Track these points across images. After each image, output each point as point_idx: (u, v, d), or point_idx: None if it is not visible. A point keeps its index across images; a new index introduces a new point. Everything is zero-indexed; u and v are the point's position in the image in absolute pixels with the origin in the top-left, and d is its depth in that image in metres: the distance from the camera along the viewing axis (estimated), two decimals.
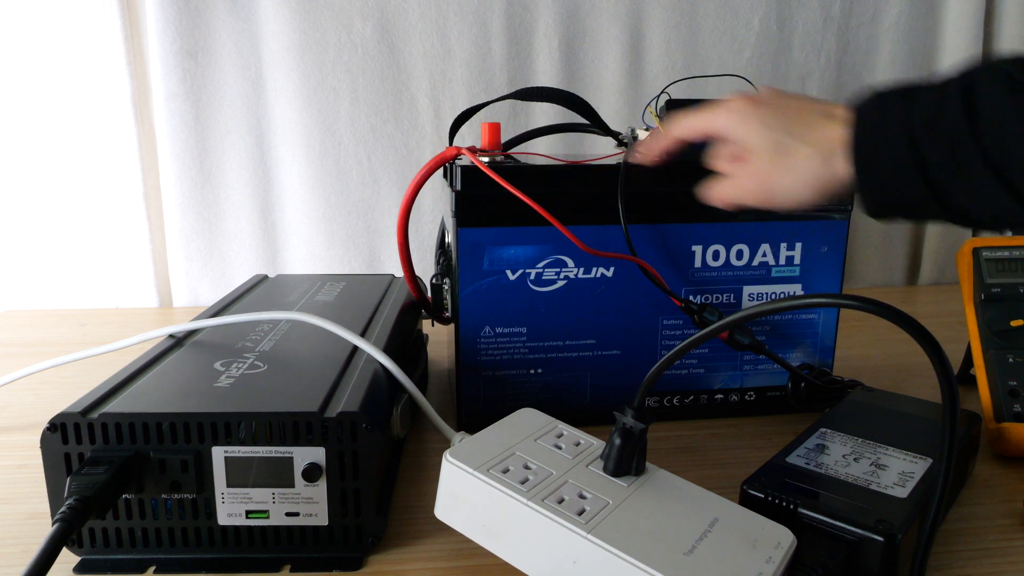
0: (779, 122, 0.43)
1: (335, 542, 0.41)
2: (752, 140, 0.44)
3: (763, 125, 0.43)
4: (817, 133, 0.42)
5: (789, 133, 0.43)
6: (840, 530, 0.37)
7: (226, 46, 0.92)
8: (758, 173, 0.44)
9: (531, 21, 0.95)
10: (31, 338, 0.84)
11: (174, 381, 0.44)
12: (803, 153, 0.42)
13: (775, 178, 0.43)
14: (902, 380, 0.68)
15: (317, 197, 0.95)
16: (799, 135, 0.43)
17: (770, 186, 0.44)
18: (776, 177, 0.43)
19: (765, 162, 0.43)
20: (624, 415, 0.38)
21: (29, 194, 0.93)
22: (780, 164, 0.43)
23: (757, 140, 0.43)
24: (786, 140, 0.43)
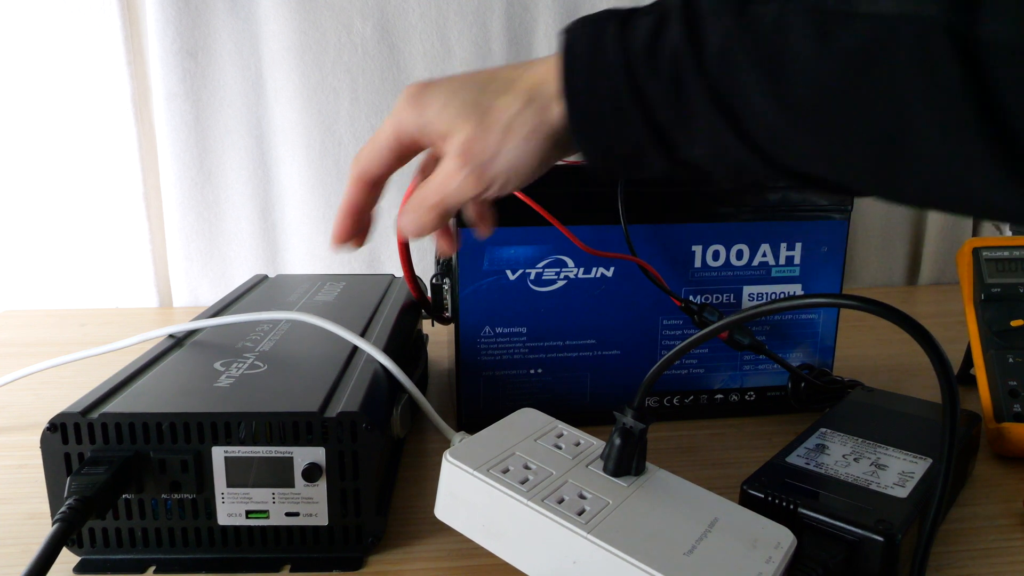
0: (466, 85, 0.35)
1: (335, 542, 0.41)
2: (435, 115, 0.35)
3: (446, 92, 0.35)
4: (521, 80, 0.34)
5: (483, 90, 0.34)
6: (840, 530, 0.37)
7: (226, 46, 0.92)
8: (460, 148, 0.34)
9: (531, 21, 0.95)
10: (31, 338, 0.84)
11: (174, 381, 0.44)
12: (505, 104, 0.34)
13: (484, 147, 0.34)
14: (902, 380, 0.68)
15: (317, 197, 0.96)
16: (496, 88, 0.34)
17: (483, 160, 0.34)
18: (484, 146, 0.34)
19: (465, 131, 0.34)
20: (624, 415, 0.38)
21: (29, 194, 0.93)
22: (482, 126, 0.34)
23: (442, 113, 0.34)
24: (481, 98, 0.34)
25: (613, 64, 0.31)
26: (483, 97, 0.34)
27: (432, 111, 0.35)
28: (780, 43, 0.27)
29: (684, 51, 0.29)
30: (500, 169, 0.34)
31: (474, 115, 0.34)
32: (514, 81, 0.34)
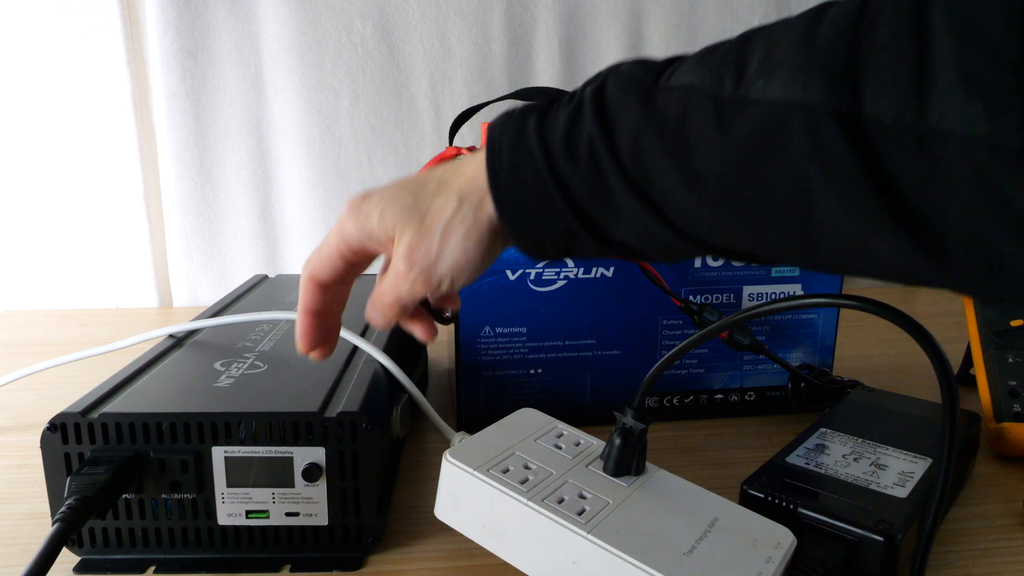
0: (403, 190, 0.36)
1: (335, 542, 0.41)
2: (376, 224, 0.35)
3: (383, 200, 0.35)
4: (453, 180, 0.35)
5: (418, 193, 0.35)
6: (840, 530, 0.37)
7: (226, 46, 0.92)
8: (405, 253, 0.35)
9: (531, 21, 0.95)
10: (31, 338, 0.84)
11: (174, 381, 0.44)
12: (440, 206, 0.34)
13: (427, 251, 0.34)
14: (902, 380, 0.68)
15: (317, 197, 0.96)
16: (431, 191, 0.35)
17: (427, 263, 0.34)
18: (427, 249, 0.34)
19: (406, 236, 0.35)
20: (624, 415, 0.38)
21: (29, 194, 0.94)
22: (421, 230, 0.34)
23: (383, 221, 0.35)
24: (418, 202, 0.35)
25: (534, 157, 0.32)
26: (419, 201, 0.35)
27: (373, 220, 0.36)
28: (684, 132, 0.28)
29: (598, 142, 0.30)
30: (445, 270, 0.35)
31: (413, 220, 0.35)
32: (446, 182, 0.35)
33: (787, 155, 0.25)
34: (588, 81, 0.33)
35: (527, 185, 0.32)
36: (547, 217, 0.32)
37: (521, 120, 0.33)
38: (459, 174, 0.35)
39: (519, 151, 0.32)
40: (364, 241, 0.36)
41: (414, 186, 0.36)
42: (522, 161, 0.32)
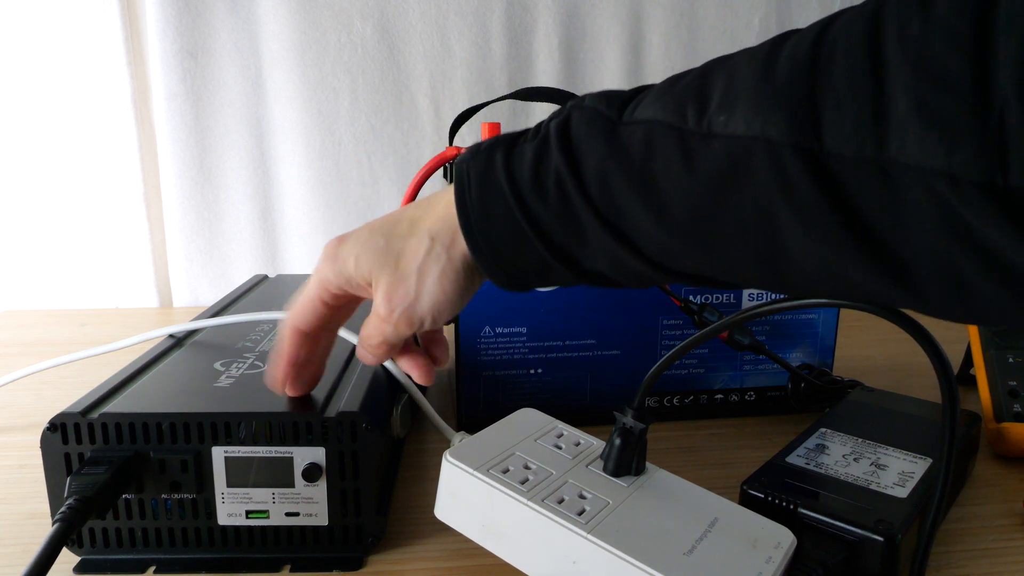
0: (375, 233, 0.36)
1: (335, 542, 0.41)
2: (353, 269, 0.36)
3: (357, 245, 0.36)
4: (423, 220, 0.35)
5: (389, 236, 0.35)
6: (840, 530, 0.37)
7: (226, 46, 0.92)
8: (384, 297, 0.35)
9: (531, 21, 0.95)
10: (31, 338, 0.84)
11: (174, 381, 0.44)
12: (413, 247, 0.34)
13: (405, 294, 0.35)
14: (902, 380, 0.68)
15: (317, 197, 0.96)
16: (403, 232, 0.35)
17: (406, 305, 0.35)
18: (405, 292, 0.35)
19: (383, 280, 0.35)
20: (624, 415, 0.38)
21: (29, 194, 0.94)
22: (397, 273, 0.35)
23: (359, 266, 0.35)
24: (392, 244, 0.35)
25: (503, 192, 0.32)
26: (392, 243, 0.35)
27: (350, 266, 0.36)
28: (650, 166, 0.28)
29: (566, 176, 0.30)
30: (425, 310, 0.35)
31: (388, 264, 0.35)
32: (417, 221, 0.35)
33: (752, 188, 0.26)
34: (553, 115, 0.33)
35: (497, 220, 0.32)
36: (519, 250, 0.32)
37: (488, 154, 0.33)
38: (430, 212, 0.35)
39: (487, 186, 0.32)
40: (344, 286, 0.37)
41: (386, 228, 0.36)
42: (491, 196, 0.32)
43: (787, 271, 0.27)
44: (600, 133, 0.30)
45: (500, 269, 0.33)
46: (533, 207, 0.31)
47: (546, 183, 0.31)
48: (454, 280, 0.35)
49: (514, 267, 0.33)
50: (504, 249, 0.33)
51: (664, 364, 0.38)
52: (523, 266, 0.33)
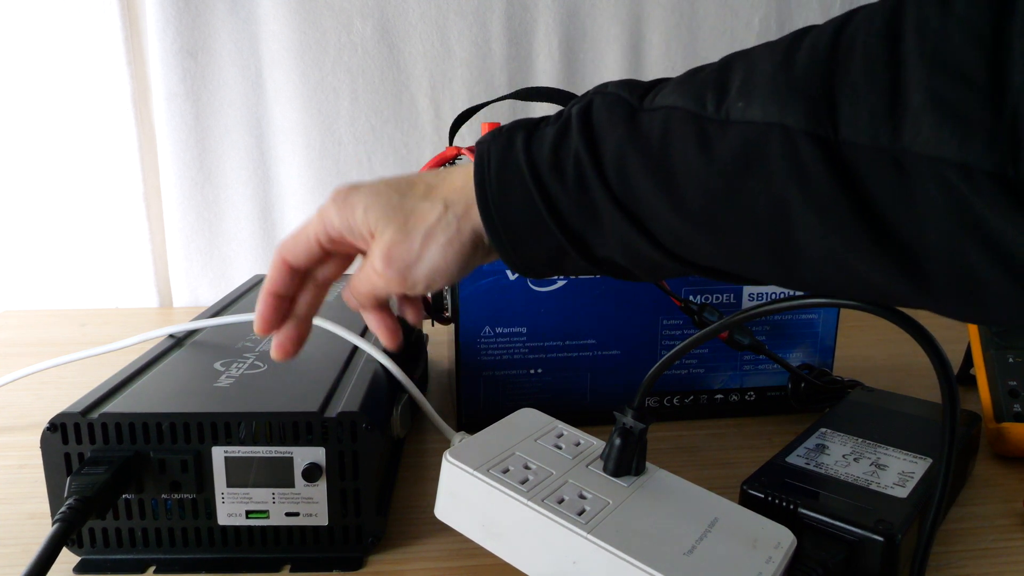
0: (390, 188, 0.35)
1: (335, 542, 0.41)
2: (360, 218, 0.35)
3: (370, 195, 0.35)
4: (441, 186, 0.35)
5: (405, 194, 0.35)
6: (840, 530, 0.37)
7: (226, 46, 0.92)
8: (384, 251, 0.35)
9: (531, 21, 0.95)
10: (31, 338, 0.84)
11: (174, 381, 0.44)
12: (425, 210, 0.34)
13: (406, 252, 0.34)
14: (902, 380, 0.68)
15: (317, 197, 0.96)
16: (418, 193, 0.35)
17: (405, 264, 0.35)
18: (406, 250, 0.34)
19: (387, 235, 0.35)
20: (624, 415, 0.38)
21: (29, 194, 0.94)
22: (404, 231, 0.34)
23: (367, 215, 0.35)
24: (404, 202, 0.35)
25: (521, 172, 0.32)
26: (405, 201, 0.35)
27: (357, 214, 0.35)
28: (668, 152, 0.28)
29: (585, 159, 0.30)
30: (422, 274, 0.35)
31: (396, 219, 0.35)
32: (434, 187, 0.35)
33: (767, 176, 0.26)
34: (575, 100, 0.33)
35: (514, 199, 0.32)
36: (534, 232, 0.32)
37: (509, 135, 0.33)
38: (447, 182, 0.35)
39: (506, 165, 0.32)
40: (344, 232, 0.36)
41: (402, 186, 0.36)
42: (509, 175, 0.32)
43: (796, 263, 0.27)
44: (620, 118, 0.30)
45: (513, 249, 0.33)
46: (551, 189, 0.32)
47: (565, 165, 0.31)
48: (459, 251, 0.34)
49: (528, 250, 0.33)
50: (520, 231, 0.33)
51: (664, 364, 0.38)
52: (537, 250, 0.33)
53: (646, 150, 0.29)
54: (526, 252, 0.33)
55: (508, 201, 0.32)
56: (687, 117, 0.28)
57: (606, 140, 0.30)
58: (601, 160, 0.30)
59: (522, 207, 0.32)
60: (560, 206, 0.32)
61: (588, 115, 0.31)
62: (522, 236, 0.33)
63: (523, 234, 0.33)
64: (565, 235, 0.32)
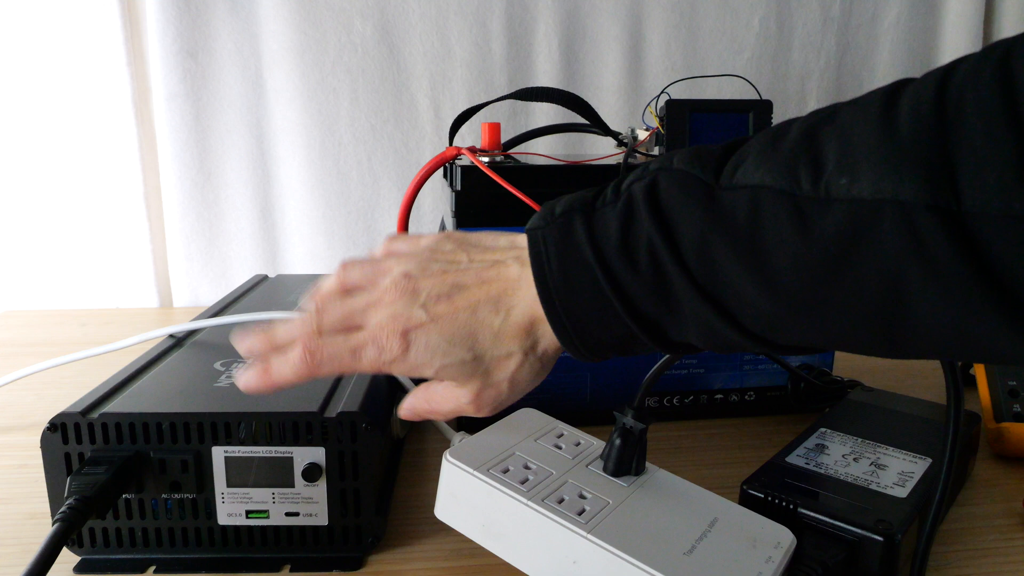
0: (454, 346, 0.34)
1: (335, 542, 0.41)
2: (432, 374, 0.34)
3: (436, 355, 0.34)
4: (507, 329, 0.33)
5: (474, 349, 0.34)
6: (840, 530, 0.37)
7: (226, 46, 0.92)
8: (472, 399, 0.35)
9: (531, 21, 0.95)
10: (31, 338, 0.84)
11: (174, 381, 0.44)
12: (503, 361, 0.34)
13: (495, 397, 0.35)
14: (902, 380, 0.68)
15: (317, 197, 0.95)
16: (488, 344, 0.34)
17: (495, 403, 0.35)
18: (495, 396, 0.35)
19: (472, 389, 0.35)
20: (624, 415, 0.38)
21: (29, 194, 0.93)
22: (489, 383, 0.34)
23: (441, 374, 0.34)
24: (478, 358, 0.34)
25: (586, 262, 0.30)
26: (481, 359, 0.34)
27: (428, 371, 0.34)
28: (759, 234, 0.27)
29: (660, 246, 0.29)
30: (513, 400, 0.36)
31: (476, 377, 0.34)
32: (501, 334, 0.34)
33: (878, 253, 0.24)
34: (633, 176, 0.31)
35: (582, 294, 0.31)
36: (603, 322, 0.31)
37: (565, 221, 0.32)
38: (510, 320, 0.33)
39: (569, 256, 0.31)
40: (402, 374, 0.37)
41: (467, 339, 0.34)
42: (573, 266, 0.31)
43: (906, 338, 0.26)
44: (697, 200, 0.28)
45: (582, 344, 0.32)
46: (621, 277, 0.30)
47: (636, 252, 0.29)
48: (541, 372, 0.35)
49: (597, 341, 0.32)
50: (587, 323, 0.31)
51: (664, 364, 0.38)
52: (605, 338, 0.32)
53: (733, 234, 0.27)
54: (594, 344, 0.32)
55: (573, 293, 0.31)
56: (780, 197, 0.26)
57: (683, 223, 0.28)
58: (679, 245, 0.29)
59: (590, 298, 0.31)
60: (633, 296, 0.30)
61: (655, 195, 0.30)
62: (589, 328, 0.32)
63: (591, 325, 0.32)
64: (637, 323, 0.31)
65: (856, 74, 1.03)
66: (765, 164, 0.27)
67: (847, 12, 1.00)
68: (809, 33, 1.00)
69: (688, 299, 0.29)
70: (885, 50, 1.02)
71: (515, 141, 0.65)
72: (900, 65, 1.03)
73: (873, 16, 1.01)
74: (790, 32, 1.00)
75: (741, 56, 0.99)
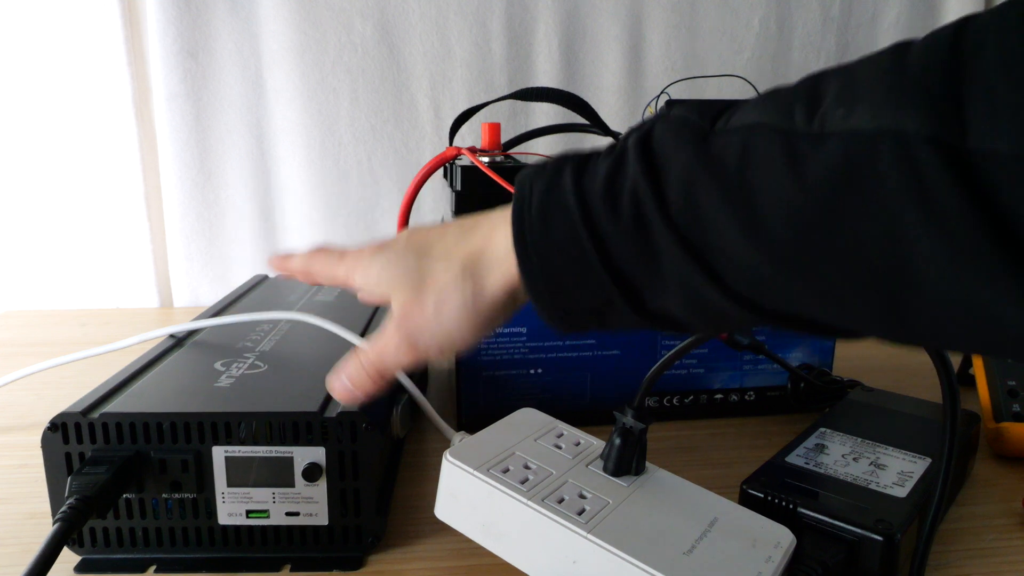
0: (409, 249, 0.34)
1: (335, 542, 0.41)
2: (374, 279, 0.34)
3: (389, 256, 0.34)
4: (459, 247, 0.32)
5: (422, 254, 0.33)
6: (840, 530, 0.37)
7: (226, 46, 0.92)
8: (399, 318, 0.33)
9: (531, 21, 0.95)
10: (31, 338, 0.84)
11: (174, 381, 0.44)
12: (439, 272, 0.32)
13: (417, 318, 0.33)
14: (902, 380, 0.68)
15: (317, 197, 0.96)
16: (436, 254, 0.33)
17: (415, 330, 0.33)
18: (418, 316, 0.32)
19: (400, 297, 0.33)
20: (624, 415, 0.38)
21: (30, 194, 0.93)
22: (416, 293, 0.32)
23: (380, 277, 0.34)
24: (420, 263, 0.33)
25: (568, 208, 0.28)
26: (421, 263, 0.33)
27: (372, 274, 0.35)
28: (747, 174, 0.24)
29: (644, 190, 0.26)
30: (433, 341, 0.33)
31: (409, 282, 0.33)
32: (456, 245, 0.33)
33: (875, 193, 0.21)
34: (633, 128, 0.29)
35: (558, 238, 0.28)
36: (578, 277, 0.28)
37: (556, 167, 0.29)
38: (467, 240, 0.32)
39: (551, 202, 0.28)
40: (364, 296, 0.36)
41: (421, 246, 0.34)
42: (553, 211, 0.28)
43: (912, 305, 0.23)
44: (688, 142, 0.26)
45: (552, 300, 0.29)
46: (601, 225, 0.27)
47: (619, 197, 0.27)
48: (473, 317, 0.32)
49: (568, 299, 0.29)
50: (561, 275, 0.29)
51: (664, 364, 0.38)
52: (579, 299, 0.29)
53: (720, 174, 0.25)
54: (566, 301, 0.29)
55: (550, 240, 0.28)
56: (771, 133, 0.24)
57: (669, 166, 0.26)
58: (663, 188, 0.26)
59: (567, 247, 0.28)
60: (611, 246, 0.27)
61: (648, 141, 0.27)
62: (563, 282, 0.29)
63: (565, 279, 0.29)
64: (615, 281, 0.28)
65: None
66: (762, 104, 0.25)
67: (847, 12, 1.00)
68: (809, 33, 1.00)
69: (669, 252, 0.26)
70: None
71: (515, 141, 0.65)
72: None
73: (873, 16, 1.01)
74: (790, 32, 1.00)
75: (741, 56, 0.99)
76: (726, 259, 0.25)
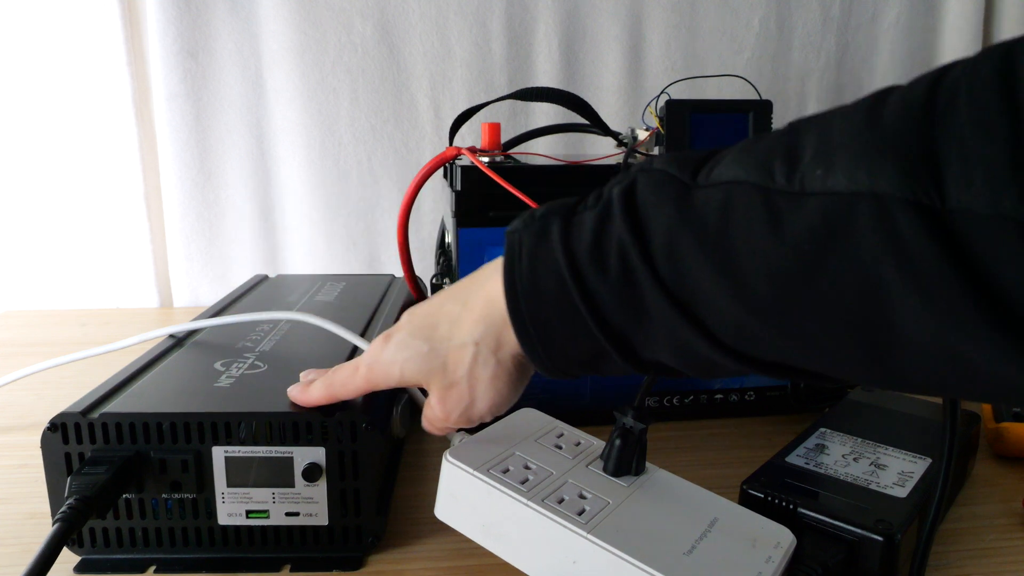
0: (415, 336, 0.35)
1: (335, 542, 0.41)
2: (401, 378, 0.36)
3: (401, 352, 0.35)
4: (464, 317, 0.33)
5: (431, 338, 0.34)
6: (840, 530, 0.37)
7: (226, 46, 0.92)
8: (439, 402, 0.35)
9: (531, 21, 0.95)
10: (31, 338, 0.84)
11: (174, 381, 0.44)
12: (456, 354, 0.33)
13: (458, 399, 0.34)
14: None
15: (317, 197, 0.96)
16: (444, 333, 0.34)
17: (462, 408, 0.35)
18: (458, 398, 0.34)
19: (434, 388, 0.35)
20: (624, 415, 0.38)
21: (30, 194, 0.94)
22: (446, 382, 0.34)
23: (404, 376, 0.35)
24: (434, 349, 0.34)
25: (556, 264, 0.29)
26: (437, 348, 0.34)
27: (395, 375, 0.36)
28: (728, 232, 0.25)
29: (630, 247, 0.27)
30: (483, 410, 0.36)
31: (435, 372, 0.34)
32: (457, 323, 0.33)
33: (854, 252, 0.22)
34: (615, 180, 0.29)
35: (547, 294, 0.29)
36: (569, 332, 0.29)
37: (543, 222, 0.30)
38: (468, 310, 0.33)
39: (540, 257, 0.29)
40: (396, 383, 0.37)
41: (426, 330, 0.35)
42: (543, 268, 0.29)
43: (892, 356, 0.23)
44: (670, 198, 0.26)
45: (545, 353, 0.30)
46: (590, 282, 0.28)
47: (607, 254, 0.28)
48: (506, 381, 0.34)
49: (561, 352, 0.30)
50: (553, 330, 0.30)
51: None
52: (572, 352, 0.30)
53: (701, 232, 0.25)
54: (559, 354, 0.30)
55: (540, 296, 0.29)
56: (751, 191, 0.24)
57: (654, 223, 0.27)
58: (648, 246, 0.27)
59: (556, 303, 0.29)
60: (600, 301, 0.28)
61: (632, 196, 0.28)
62: (555, 336, 0.30)
63: (556, 334, 0.30)
64: (605, 335, 0.28)
65: (856, 74, 1.03)
66: (741, 158, 0.26)
67: (847, 12, 1.00)
68: (809, 33, 1.00)
69: (657, 306, 0.27)
70: (885, 50, 1.02)
71: (515, 141, 0.65)
72: (900, 65, 1.03)
73: (873, 16, 1.01)
74: (790, 32, 1.00)
75: (741, 56, 0.99)
76: (711, 313, 0.26)
